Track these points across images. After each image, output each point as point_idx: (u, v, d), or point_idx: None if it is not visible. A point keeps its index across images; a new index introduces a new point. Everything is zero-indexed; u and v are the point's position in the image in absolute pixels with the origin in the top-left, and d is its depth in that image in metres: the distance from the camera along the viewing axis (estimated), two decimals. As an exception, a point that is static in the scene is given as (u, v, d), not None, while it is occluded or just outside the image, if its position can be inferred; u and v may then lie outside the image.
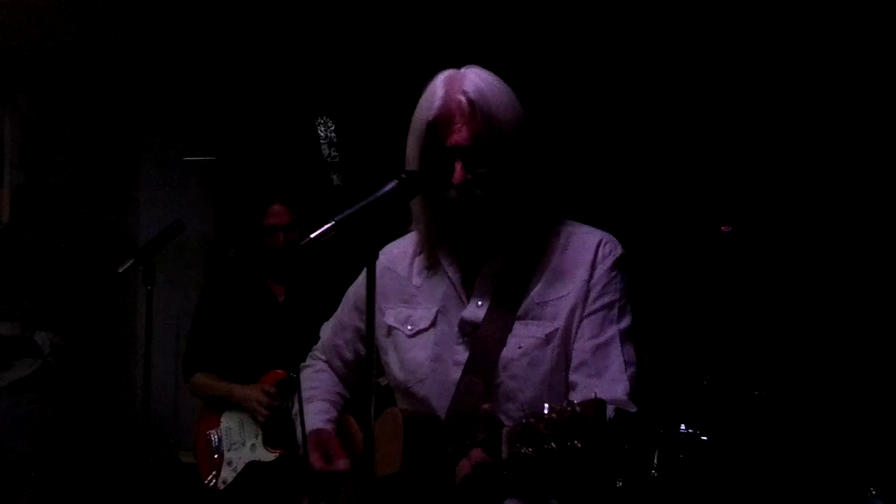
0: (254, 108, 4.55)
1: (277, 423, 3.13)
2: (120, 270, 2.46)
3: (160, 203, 4.79)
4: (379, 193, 1.71)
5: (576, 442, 1.43)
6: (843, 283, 3.31)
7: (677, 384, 3.36)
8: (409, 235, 2.05)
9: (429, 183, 1.84)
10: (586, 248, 1.90)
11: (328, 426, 2.06)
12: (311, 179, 4.26)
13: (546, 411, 1.49)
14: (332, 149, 4.22)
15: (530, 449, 1.49)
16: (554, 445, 1.45)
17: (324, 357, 2.19)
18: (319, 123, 4.28)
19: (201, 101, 4.66)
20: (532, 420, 1.51)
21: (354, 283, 2.13)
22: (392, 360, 1.98)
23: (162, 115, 4.80)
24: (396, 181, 1.73)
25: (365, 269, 1.96)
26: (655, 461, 3.21)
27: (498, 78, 1.89)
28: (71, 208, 4.30)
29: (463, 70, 1.88)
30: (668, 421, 3.22)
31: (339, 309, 2.16)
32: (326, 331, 2.20)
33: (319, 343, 2.22)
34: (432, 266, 1.98)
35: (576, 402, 1.47)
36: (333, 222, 1.67)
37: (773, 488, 3.10)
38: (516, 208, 1.87)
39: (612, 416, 1.46)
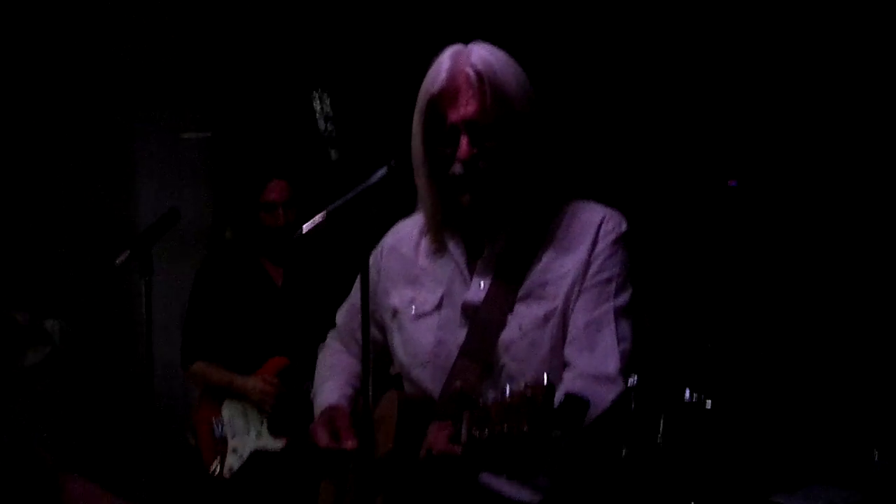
0: (249, 82, 4.51)
1: (282, 411, 3.14)
2: (117, 262, 2.44)
3: (156, 181, 4.74)
4: (369, 182, 1.72)
5: (524, 426, 1.44)
6: (855, 243, 3.26)
7: (681, 350, 3.35)
8: (415, 216, 2.05)
9: (433, 160, 1.84)
10: (589, 225, 1.89)
11: (343, 402, 2.04)
12: (309, 155, 4.23)
13: (506, 394, 1.51)
14: (329, 123, 4.18)
15: (486, 432, 1.51)
16: (505, 429, 1.48)
17: (340, 343, 2.19)
18: (315, 98, 4.23)
19: (195, 75, 4.62)
20: (489, 403, 1.54)
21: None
22: (396, 342, 1.99)
23: (155, 91, 4.76)
24: (386, 168, 1.73)
25: (373, 254, 1.99)
26: (661, 428, 3.22)
27: (505, 53, 1.87)
28: (64, 190, 4.27)
29: (469, 45, 1.86)
30: (673, 387, 3.21)
31: (352, 293, 2.16)
32: (342, 314, 2.20)
33: (335, 328, 2.22)
34: (438, 247, 1.98)
35: (528, 385, 1.47)
36: (324, 213, 1.68)
37: (777, 456, 3.11)
38: (522, 186, 1.86)
39: (561, 400, 1.45)
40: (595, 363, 1.80)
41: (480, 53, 1.83)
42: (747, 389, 3.20)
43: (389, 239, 2.07)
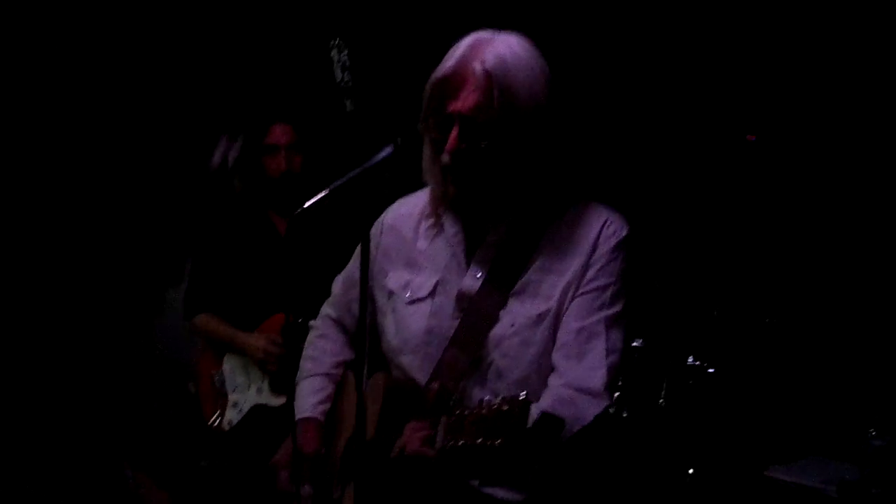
0: (267, 29, 4.47)
1: (285, 370, 3.16)
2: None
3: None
4: (374, 160, 1.72)
5: (498, 441, 1.48)
6: (873, 214, 3.20)
7: (687, 316, 3.36)
8: (418, 193, 2.06)
9: (432, 142, 1.84)
10: (591, 227, 1.89)
11: (317, 411, 2.09)
12: (319, 102, 4.21)
13: (482, 404, 1.54)
14: (346, 74, 4.14)
15: (461, 441, 1.55)
16: (480, 441, 1.51)
17: (334, 313, 2.21)
18: (333, 47, 4.19)
19: (209, 22, 4.57)
20: (466, 412, 1.57)
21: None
22: (389, 324, 2.00)
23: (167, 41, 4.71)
24: (392, 146, 1.73)
25: (374, 224, 2.00)
26: (663, 391, 3.25)
27: (530, 49, 1.84)
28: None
29: (495, 35, 1.84)
30: (677, 353, 3.23)
31: (350, 263, 2.17)
32: (338, 285, 2.22)
33: (331, 297, 2.25)
34: (437, 230, 1.97)
35: (506, 399, 1.50)
36: (327, 190, 1.69)
37: (775, 428, 3.13)
38: (520, 183, 1.85)
39: (536, 418, 1.48)
40: (581, 375, 1.80)
41: (499, 49, 1.78)
42: (749, 360, 3.21)
43: (389, 217, 2.07)
